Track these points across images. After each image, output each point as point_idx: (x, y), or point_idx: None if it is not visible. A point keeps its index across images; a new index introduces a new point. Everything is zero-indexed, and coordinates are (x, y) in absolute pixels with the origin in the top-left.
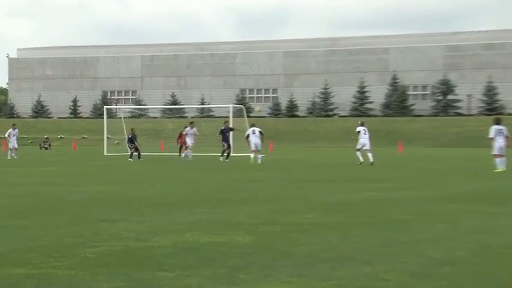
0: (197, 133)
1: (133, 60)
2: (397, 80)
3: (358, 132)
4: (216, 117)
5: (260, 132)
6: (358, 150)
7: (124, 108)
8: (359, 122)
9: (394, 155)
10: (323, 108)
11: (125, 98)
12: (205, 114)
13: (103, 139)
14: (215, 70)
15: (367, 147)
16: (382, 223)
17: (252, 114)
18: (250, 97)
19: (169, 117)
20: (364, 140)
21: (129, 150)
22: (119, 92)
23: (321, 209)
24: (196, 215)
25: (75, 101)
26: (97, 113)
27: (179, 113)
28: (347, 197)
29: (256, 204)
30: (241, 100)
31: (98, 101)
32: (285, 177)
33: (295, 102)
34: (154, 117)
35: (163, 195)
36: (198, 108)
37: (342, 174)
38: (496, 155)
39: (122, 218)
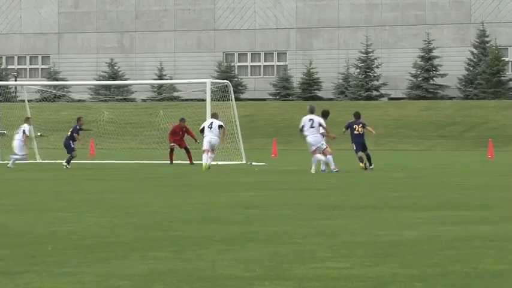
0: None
1: (45, 5)
2: (487, 39)
3: (302, 127)
4: (184, 99)
5: (220, 126)
6: (313, 152)
7: (29, 86)
8: (307, 108)
9: (481, 162)
10: (362, 85)
11: (30, 69)
12: (165, 95)
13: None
14: (182, 21)
15: (319, 145)
16: (461, 278)
17: (243, 96)
18: (240, 66)
19: (105, 101)
20: (312, 137)
21: (67, 150)
22: (21, 59)
23: (356, 254)
24: (151, 264)
25: None
26: None
27: (122, 93)
28: (399, 234)
29: (251, 246)
30: (225, 72)
31: None
32: (297, 201)
33: (316, 76)
34: (80, 101)
35: (96, 231)
36: (153, 86)
37: (390, 196)
38: None
39: (26, 268)
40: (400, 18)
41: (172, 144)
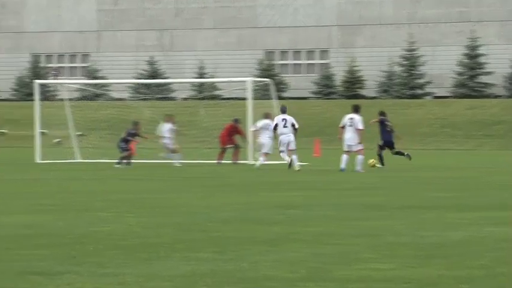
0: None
1: (84, 3)
2: None
3: (276, 126)
4: (224, 98)
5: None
6: (282, 151)
7: (69, 84)
8: (279, 108)
9: None
10: (406, 83)
11: (70, 67)
12: (206, 94)
13: (34, 136)
14: (222, 18)
15: (292, 146)
16: (509, 280)
17: (284, 94)
18: (282, 65)
19: (145, 99)
20: (285, 136)
21: (121, 151)
22: (61, 57)
23: (400, 255)
24: (193, 264)
25: None
26: (23, 91)
27: (162, 92)
28: (444, 235)
29: (293, 246)
30: (266, 70)
31: (25, 72)
32: (340, 201)
33: (359, 74)
34: (119, 99)
35: (137, 231)
36: (193, 85)
37: (435, 196)
38: None
39: (67, 269)
40: (444, 15)
41: (229, 146)
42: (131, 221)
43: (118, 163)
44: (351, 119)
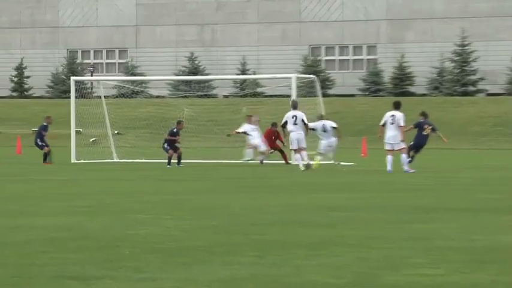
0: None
1: None
2: None
3: (285, 123)
4: (267, 95)
5: (303, 121)
6: (295, 151)
7: (106, 81)
8: (290, 103)
9: None
10: (458, 80)
11: (107, 63)
12: (248, 91)
13: (69, 135)
14: (266, 12)
15: (302, 144)
16: None
17: (330, 91)
18: (328, 61)
19: (185, 97)
20: (295, 134)
21: (165, 152)
22: (97, 53)
23: (451, 260)
24: (232, 269)
25: (20, 68)
26: (59, 89)
27: (203, 89)
28: (497, 239)
29: (337, 250)
30: (311, 66)
31: (61, 69)
32: (388, 203)
33: (408, 70)
34: (158, 97)
35: (175, 234)
36: (235, 82)
37: (487, 198)
38: None
39: (103, 273)
40: (497, 9)
41: (272, 151)
42: (169, 223)
43: (168, 163)
44: (392, 116)
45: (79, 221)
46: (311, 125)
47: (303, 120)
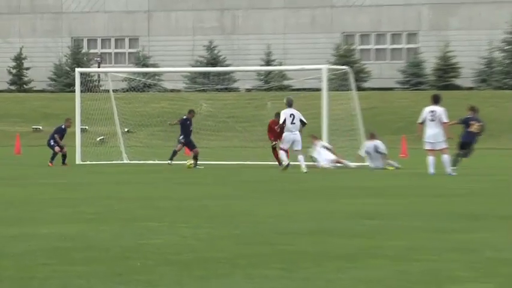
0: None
1: None
2: None
3: (284, 121)
4: (295, 89)
5: (301, 121)
6: (284, 150)
7: (115, 73)
8: (285, 101)
9: None
10: (509, 71)
11: (116, 53)
12: (273, 84)
13: (74, 133)
14: None
15: (298, 146)
16: None
17: (365, 84)
18: (363, 50)
19: (203, 91)
20: (291, 134)
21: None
22: (105, 41)
23: (501, 273)
24: (257, 283)
25: (19, 59)
26: (62, 81)
27: (223, 82)
28: None
29: (374, 263)
30: (344, 56)
31: (65, 59)
32: (430, 210)
33: (453, 61)
34: (173, 91)
35: (192, 244)
36: (259, 74)
37: None
38: None
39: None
40: None
41: (274, 143)
42: (185, 232)
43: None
44: (432, 112)
45: (85, 229)
46: (364, 148)
47: (301, 120)
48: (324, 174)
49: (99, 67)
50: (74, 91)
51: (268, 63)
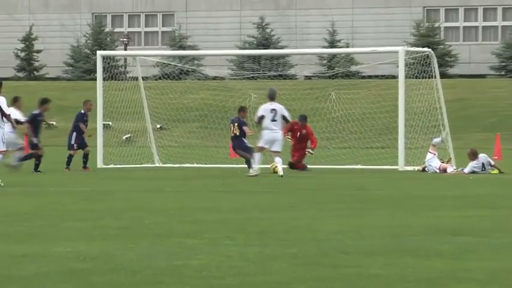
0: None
1: None
2: None
3: (261, 117)
4: (364, 76)
5: (284, 117)
6: (260, 150)
7: (145, 57)
8: (268, 92)
9: None
10: None
11: (146, 33)
12: (338, 70)
13: (95, 129)
14: None
15: (278, 147)
16: None
17: (452, 71)
18: (448, 28)
19: (253, 78)
20: (270, 132)
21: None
22: (133, 18)
23: None
24: None
25: (28, 40)
26: (81, 67)
27: (276, 68)
28: None
29: None
30: (426, 36)
31: (84, 40)
32: None
33: None
34: (216, 78)
35: (239, 266)
36: (321, 57)
37: None
38: None
39: None
40: None
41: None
42: (230, 251)
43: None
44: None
45: (108, 247)
46: (471, 165)
47: (283, 117)
48: (391, 179)
49: (125, 49)
50: (95, 79)
51: (332, 44)
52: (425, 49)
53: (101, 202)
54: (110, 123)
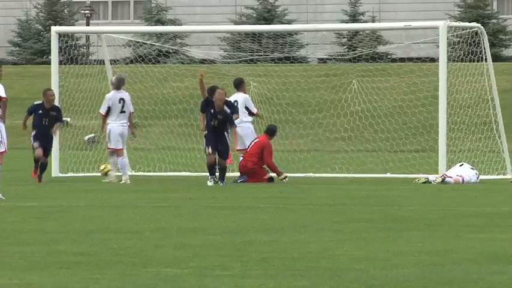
0: None
1: None
2: None
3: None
4: (395, 59)
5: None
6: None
7: (112, 35)
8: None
9: None
10: None
11: (114, 3)
12: (361, 52)
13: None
14: None
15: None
16: None
17: (506, 52)
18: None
19: (252, 62)
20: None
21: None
22: None
23: None
24: None
25: None
26: (30, 47)
27: (281, 49)
28: None
29: None
30: (474, 7)
31: (34, 12)
32: None
33: None
34: (204, 62)
35: None
36: (339, 35)
37: None
38: None
39: None
40: None
41: None
42: (223, 283)
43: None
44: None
45: (66, 278)
46: None
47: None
48: (428, 193)
49: (88, 25)
50: (48, 62)
51: (354, 18)
52: (474, 24)
53: (57, 221)
54: (69, 119)
